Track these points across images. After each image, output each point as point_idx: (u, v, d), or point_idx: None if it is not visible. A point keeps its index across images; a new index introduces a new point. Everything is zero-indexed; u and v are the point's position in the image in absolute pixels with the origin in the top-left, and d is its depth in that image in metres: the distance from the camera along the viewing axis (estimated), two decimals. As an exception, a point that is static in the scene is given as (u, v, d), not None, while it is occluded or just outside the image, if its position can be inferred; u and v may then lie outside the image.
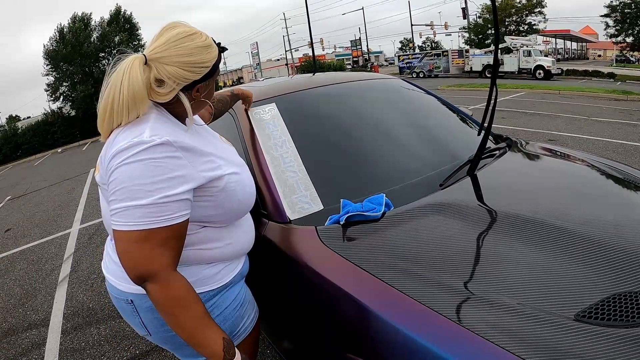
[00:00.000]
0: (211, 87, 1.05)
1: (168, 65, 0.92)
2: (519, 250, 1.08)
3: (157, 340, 1.12)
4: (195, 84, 0.98)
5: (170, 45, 0.92)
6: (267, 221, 1.41)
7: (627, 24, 27.99)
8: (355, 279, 1.05)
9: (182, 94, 0.96)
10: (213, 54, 0.98)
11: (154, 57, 0.92)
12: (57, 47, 22.93)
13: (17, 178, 13.03)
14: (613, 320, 0.85)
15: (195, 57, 0.94)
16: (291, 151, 1.50)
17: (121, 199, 0.86)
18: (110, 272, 1.10)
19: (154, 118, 0.94)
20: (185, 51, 0.92)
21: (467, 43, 37.04)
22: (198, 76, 0.96)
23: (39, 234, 5.48)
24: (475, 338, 0.80)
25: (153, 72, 0.92)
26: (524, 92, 14.72)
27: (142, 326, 1.09)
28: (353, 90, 2.05)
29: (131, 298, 1.04)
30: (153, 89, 0.93)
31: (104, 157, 0.92)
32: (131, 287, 1.02)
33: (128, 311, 1.08)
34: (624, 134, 6.82)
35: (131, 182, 0.85)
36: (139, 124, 0.92)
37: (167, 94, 0.94)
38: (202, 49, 0.95)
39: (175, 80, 0.93)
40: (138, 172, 0.85)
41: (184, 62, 0.92)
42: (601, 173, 1.66)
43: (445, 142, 1.90)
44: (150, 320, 1.05)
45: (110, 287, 1.11)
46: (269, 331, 1.59)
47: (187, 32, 0.95)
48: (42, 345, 2.71)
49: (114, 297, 1.11)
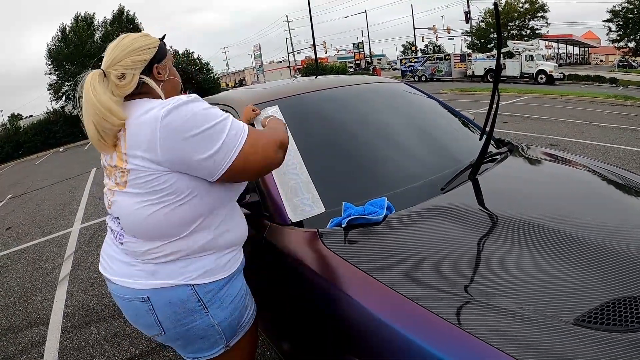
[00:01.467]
0: (172, 69, 1.17)
1: (120, 61, 1.04)
2: (519, 255, 1.09)
3: (170, 338, 1.11)
4: (152, 65, 1.10)
5: (114, 50, 1.06)
6: (269, 223, 1.41)
7: (629, 29, 28.05)
8: (356, 281, 1.05)
9: (144, 77, 1.07)
10: (153, 39, 1.13)
11: (108, 65, 1.04)
12: (60, 47, 23.01)
13: (19, 177, 13.05)
14: (612, 325, 0.85)
15: (137, 44, 1.08)
16: (293, 154, 1.50)
17: (214, 139, 0.97)
18: (117, 274, 1.09)
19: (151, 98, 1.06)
20: (127, 45, 1.07)
21: (469, 47, 37.11)
22: (150, 55, 1.09)
23: (40, 233, 5.49)
24: (475, 341, 0.81)
25: (112, 74, 1.03)
26: (526, 96, 14.74)
27: (156, 325, 1.08)
28: (355, 93, 2.06)
29: (148, 295, 1.04)
30: (118, 85, 1.02)
31: (153, 136, 0.95)
32: (147, 282, 1.04)
33: (143, 311, 1.07)
34: (625, 139, 6.82)
35: (209, 124, 0.97)
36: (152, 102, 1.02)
37: (130, 81, 1.04)
38: (140, 37, 1.10)
39: (131, 67, 1.05)
40: (202, 118, 0.97)
41: (130, 51, 1.06)
42: (602, 178, 1.67)
43: (447, 146, 1.91)
44: (167, 316, 1.06)
45: (119, 289, 1.09)
46: (269, 332, 1.59)
47: (121, 37, 1.10)
48: (42, 344, 2.71)
49: (124, 298, 1.09)
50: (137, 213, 1.00)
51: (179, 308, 1.05)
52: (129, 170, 0.98)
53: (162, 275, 1.04)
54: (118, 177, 1.02)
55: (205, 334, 1.10)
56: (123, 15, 25.24)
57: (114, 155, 1.02)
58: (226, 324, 1.12)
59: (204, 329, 1.09)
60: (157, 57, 1.11)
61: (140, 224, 1.01)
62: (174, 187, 0.98)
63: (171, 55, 1.19)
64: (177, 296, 1.04)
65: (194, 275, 1.05)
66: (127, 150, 0.98)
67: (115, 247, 1.11)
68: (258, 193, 1.50)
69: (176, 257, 1.04)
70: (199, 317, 1.07)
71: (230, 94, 2.16)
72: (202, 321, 1.07)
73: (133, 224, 1.02)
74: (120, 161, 1.00)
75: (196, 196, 1.02)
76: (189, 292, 1.05)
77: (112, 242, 1.13)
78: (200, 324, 1.08)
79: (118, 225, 1.07)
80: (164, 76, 1.14)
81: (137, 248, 1.04)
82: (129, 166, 0.98)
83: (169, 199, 0.99)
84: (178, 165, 0.97)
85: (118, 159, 1.00)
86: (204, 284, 1.06)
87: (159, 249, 1.03)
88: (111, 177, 1.05)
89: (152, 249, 1.03)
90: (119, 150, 1.00)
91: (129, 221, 1.03)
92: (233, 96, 2.02)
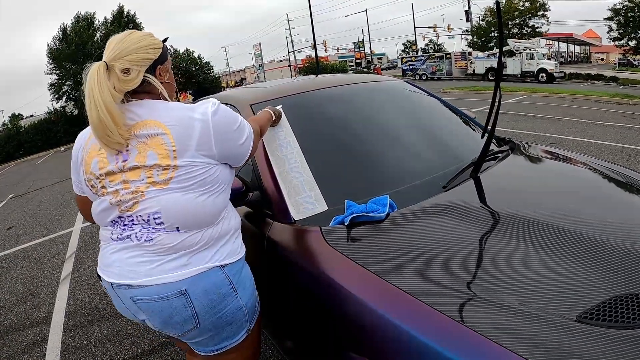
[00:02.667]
0: (170, 72, 1.20)
1: (127, 56, 1.05)
2: (521, 252, 1.09)
3: (203, 330, 1.12)
4: (156, 65, 1.12)
5: (120, 45, 1.06)
6: (272, 221, 1.41)
7: (630, 28, 28.02)
8: (359, 279, 1.05)
9: (148, 75, 1.09)
10: (158, 40, 1.16)
11: (112, 58, 1.04)
12: (61, 46, 23.02)
13: (20, 176, 13.08)
14: (615, 321, 0.85)
15: (144, 42, 1.09)
16: (296, 152, 1.51)
17: (243, 129, 1.17)
18: (145, 275, 1.06)
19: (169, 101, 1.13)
20: (134, 41, 1.08)
21: (470, 46, 37.08)
22: (156, 55, 1.11)
23: (41, 232, 5.50)
24: (478, 338, 0.81)
25: (117, 67, 1.03)
26: (527, 95, 14.72)
27: (192, 318, 1.09)
28: (357, 92, 2.06)
29: (185, 287, 1.05)
30: (122, 79, 1.03)
31: (205, 133, 1.06)
32: (183, 272, 1.06)
33: (179, 306, 1.06)
34: (626, 137, 6.82)
35: (238, 119, 1.16)
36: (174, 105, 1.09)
37: (135, 77, 1.06)
38: (146, 36, 1.12)
39: (138, 63, 1.06)
40: (234, 114, 1.16)
41: (137, 47, 1.07)
42: (603, 176, 1.67)
43: (449, 145, 1.91)
44: (203, 306, 1.08)
45: (149, 290, 1.06)
46: (272, 330, 1.60)
47: (127, 32, 1.12)
48: (44, 343, 2.72)
49: (156, 299, 1.06)
50: (186, 204, 1.05)
51: (214, 295, 1.10)
52: (178, 166, 1.03)
53: (195, 263, 1.08)
54: (156, 176, 1.03)
55: (234, 318, 1.16)
56: (123, 15, 25.24)
57: (145, 154, 1.02)
58: (250, 305, 1.20)
59: (234, 313, 1.15)
60: (160, 58, 1.13)
61: (186, 212, 1.05)
62: (219, 177, 1.12)
63: (170, 59, 1.23)
64: (213, 281, 1.10)
65: (222, 257, 1.13)
66: (178, 146, 1.03)
67: (133, 251, 1.07)
68: (260, 191, 1.50)
69: (207, 244, 1.10)
70: (231, 300, 1.13)
71: (232, 93, 2.16)
72: (232, 305, 1.14)
73: (179, 214, 1.05)
74: (165, 158, 1.02)
75: (228, 184, 1.18)
76: (221, 276, 1.11)
77: (127, 247, 1.08)
78: (231, 308, 1.14)
79: (146, 226, 1.05)
80: (164, 78, 1.15)
81: (172, 240, 1.05)
82: (179, 162, 1.03)
83: (214, 188, 1.10)
84: (225, 156, 1.12)
85: (161, 157, 1.02)
86: (231, 264, 1.14)
87: (193, 237, 1.08)
88: (134, 179, 1.03)
89: (188, 238, 1.07)
90: (161, 150, 1.02)
91: (174, 212, 1.04)
92: (235, 95, 2.02)
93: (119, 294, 1.11)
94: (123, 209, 1.06)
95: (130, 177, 1.04)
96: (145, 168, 1.02)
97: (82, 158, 1.12)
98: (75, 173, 1.18)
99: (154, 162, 1.02)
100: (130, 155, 1.03)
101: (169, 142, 1.02)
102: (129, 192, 1.04)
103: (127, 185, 1.04)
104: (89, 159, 1.09)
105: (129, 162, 1.03)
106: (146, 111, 1.06)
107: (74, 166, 1.17)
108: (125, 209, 1.06)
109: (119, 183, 1.05)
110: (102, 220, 1.13)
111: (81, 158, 1.13)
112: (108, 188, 1.07)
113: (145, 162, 1.02)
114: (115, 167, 1.04)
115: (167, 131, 1.02)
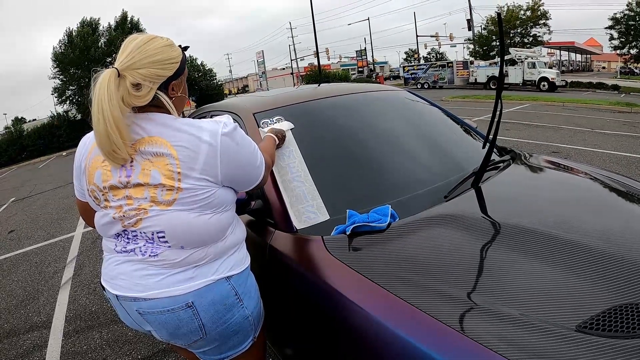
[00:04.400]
0: (184, 86, 1.15)
1: (140, 69, 0.98)
2: (522, 262, 1.09)
3: (209, 340, 1.12)
4: (169, 82, 1.06)
5: (136, 53, 0.99)
6: (274, 230, 1.42)
7: (631, 36, 28.11)
8: (361, 288, 1.06)
9: (160, 92, 1.03)
10: (178, 51, 1.08)
11: (125, 67, 0.98)
12: (66, 51, 23.15)
13: (22, 180, 13.11)
14: (614, 331, 0.85)
15: (162, 55, 1.02)
16: (298, 161, 1.52)
17: (255, 157, 1.14)
18: (151, 288, 1.05)
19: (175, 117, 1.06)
20: (151, 53, 1.01)
21: (471, 54, 37.21)
22: (171, 72, 1.04)
23: (43, 237, 5.51)
24: (478, 348, 0.81)
25: (128, 79, 0.97)
26: (528, 103, 14.75)
27: (199, 330, 1.08)
28: (358, 101, 2.07)
29: (191, 299, 1.05)
30: (132, 94, 0.97)
31: (213, 156, 1.02)
32: (189, 285, 1.05)
33: (186, 318, 1.06)
34: (627, 146, 6.82)
35: (252, 146, 1.14)
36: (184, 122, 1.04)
37: (146, 95, 0.99)
38: (166, 48, 1.04)
39: (150, 79, 1.00)
40: (248, 141, 1.13)
41: (153, 61, 1.00)
42: (604, 186, 1.67)
43: (450, 155, 1.92)
44: (210, 317, 1.08)
45: (155, 303, 1.05)
46: (273, 339, 1.60)
47: (148, 37, 1.05)
48: (44, 347, 2.72)
49: (163, 312, 1.06)
50: (190, 224, 1.02)
51: (221, 306, 1.09)
52: (182, 188, 0.99)
53: (201, 276, 1.07)
54: (160, 196, 1.00)
55: (241, 328, 1.15)
56: (127, 21, 25.40)
57: (149, 173, 0.99)
58: (255, 314, 1.19)
59: (240, 322, 1.14)
60: (176, 74, 1.07)
61: (191, 233, 1.03)
62: (225, 199, 1.09)
63: (187, 71, 1.16)
64: (219, 293, 1.09)
65: (228, 268, 1.12)
66: (183, 169, 0.99)
67: (138, 264, 1.06)
68: (263, 200, 1.51)
69: (214, 258, 1.10)
70: (237, 310, 1.13)
71: (235, 102, 2.18)
72: (239, 314, 1.13)
73: (184, 234, 1.03)
74: (170, 180, 0.99)
75: (233, 203, 1.16)
76: (227, 287, 1.11)
77: (132, 260, 1.07)
78: (237, 317, 1.13)
79: (151, 241, 1.04)
80: (177, 93, 1.10)
81: (177, 256, 1.04)
82: (183, 185, 0.99)
83: (220, 209, 1.08)
84: (231, 181, 1.10)
85: (165, 177, 0.98)
86: (237, 275, 1.14)
87: (199, 253, 1.07)
88: (138, 197, 1.01)
89: (193, 254, 1.06)
90: (166, 170, 0.98)
91: (179, 232, 1.02)
92: (238, 104, 2.04)
93: (125, 306, 1.11)
94: (126, 224, 1.04)
95: (134, 194, 1.01)
96: (149, 187, 1.00)
97: (85, 167, 1.08)
98: (78, 179, 1.15)
99: (158, 182, 0.99)
100: (134, 172, 1.00)
101: (174, 163, 0.98)
102: (133, 208, 1.02)
103: (130, 202, 1.02)
104: (93, 170, 1.05)
105: (132, 179, 1.00)
106: (153, 126, 1.01)
107: (76, 172, 1.15)
108: (128, 225, 1.04)
109: (122, 198, 1.02)
110: (106, 232, 1.11)
111: (84, 167, 1.09)
112: (111, 202, 1.04)
113: (149, 181, 0.99)
114: (119, 182, 1.02)
115: (172, 151, 0.99)
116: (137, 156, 1.00)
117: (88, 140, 1.10)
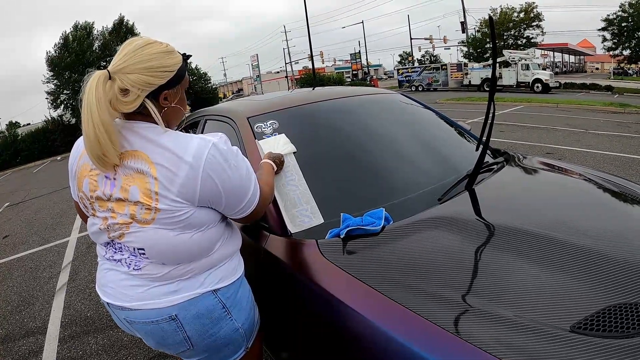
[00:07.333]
0: (182, 96, 1.08)
1: (130, 74, 0.94)
2: (516, 263, 1.10)
3: (197, 351, 1.11)
4: (162, 90, 1.00)
5: (130, 56, 0.95)
6: (268, 234, 1.42)
7: (624, 37, 28.32)
8: (355, 291, 1.06)
9: (147, 101, 0.97)
10: (175, 60, 1.01)
11: (116, 70, 0.94)
12: (62, 54, 23.07)
13: (16, 185, 13.02)
14: (609, 331, 0.86)
15: (155, 62, 0.96)
16: (292, 165, 1.52)
17: (246, 186, 1.08)
18: (135, 299, 1.05)
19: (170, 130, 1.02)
20: (144, 58, 0.95)
21: (465, 57, 37.38)
22: (163, 80, 0.98)
23: (37, 242, 5.47)
24: (473, 350, 0.82)
25: (117, 83, 0.94)
26: (522, 105, 14.83)
27: (184, 342, 1.07)
28: (352, 105, 2.08)
29: (175, 312, 1.04)
30: (119, 99, 0.94)
31: (193, 177, 0.96)
32: (172, 298, 1.04)
33: (170, 330, 1.06)
34: (621, 146, 6.87)
35: (242, 171, 1.06)
36: (176, 135, 1.00)
37: (132, 102, 0.95)
38: (162, 54, 0.98)
39: (138, 87, 0.95)
40: (239, 164, 1.06)
41: (144, 67, 0.95)
42: (598, 186, 1.69)
43: (444, 157, 1.93)
44: (196, 330, 1.06)
45: (140, 314, 1.06)
46: (269, 343, 1.59)
47: (145, 41, 0.99)
48: (39, 353, 2.70)
49: (147, 323, 1.06)
50: (169, 243, 0.99)
51: (206, 319, 1.07)
52: (160, 209, 0.96)
53: (185, 289, 1.05)
54: (139, 214, 0.97)
55: (230, 340, 1.13)
56: (122, 25, 25.34)
57: (128, 189, 0.96)
58: (247, 325, 1.17)
59: (229, 334, 1.12)
60: (170, 83, 1.00)
61: (172, 252, 1.01)
62: (207, 219, 1.05)
63: (187, 81, 1.09)
64: (204, 307, 1.07)
65: (215, 281, 1.09)
66: (160, 190, 0.95)
67: (124, 274, 1.07)
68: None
69: (200, 271, 1.07)
70: (225, 323, 1.11)
71: (230, 106, 2.18)
72: (227, 327, 1.11)
73: (164, 253, 1.01)
74: (148, 198, 0.95)
75: (221, 219, 1.11)
76: (214, 301, 1.08)
77: (118, 270, 1.08)
78: (226, 330, 1.11)
79: (134, 254, 1.03)
80: (170, 103, 1.04)
81: (160, 271, 1.03)
82: (161, 205, 0.96)
83: (202, 227, 1.04)
84: (214, 203, 1.04)
85: (143, 195, 0.95)
86: (225, 287, 1.11)
87: (182, 267, 1.04)
88: (120, 212, 0.99)
89: (176, 269, 1.04)
90: (144, 188, 0.95)
91: (158, 250, 1.01)
92: (232, 108, 2.04)
93: (115, 313, 1.12)
94: (112, 236, 1.04)
95: (117, 209, 1.00)
96: (129, 203, 0.97)
97: (75, 172, 1.08)
98: (72, 181, 1.14)
99: (136, 199, 0.96)
100: (116, 185, 0.98)
101: (152, 182, 0.95)
102: (116, 222, 1.01)
103: (114, 215, 1.01)
104: (81, 177, 1.05)
105: (115, 193, 0.99)
106: (137, 140, 0.98)
107: (70, 174, 1.14)
108: (114, 237, 1.04)
109: (107, 210, 1.02)
110: (95, 239, 1.12)
111: (74, 173, 1.09)
112: (97, 212, 1.04)
113: (128, 197, 0.97)
114: (103, 194, 1.00)
115: (152, 169, 0.95)
116: (120, 169, 0.97)
117: (80, 144, 1.07)
